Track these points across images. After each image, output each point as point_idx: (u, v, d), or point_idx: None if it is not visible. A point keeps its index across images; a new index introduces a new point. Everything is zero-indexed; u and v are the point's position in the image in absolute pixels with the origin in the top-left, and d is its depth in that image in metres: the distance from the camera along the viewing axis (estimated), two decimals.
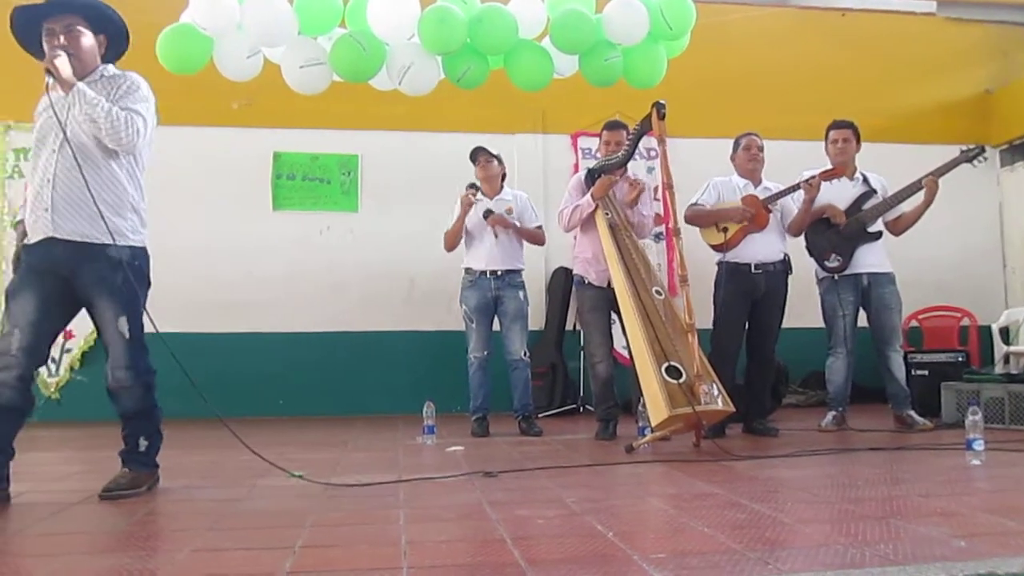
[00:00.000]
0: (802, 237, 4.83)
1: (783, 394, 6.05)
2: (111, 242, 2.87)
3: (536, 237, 5.11)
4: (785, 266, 4.64)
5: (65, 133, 2.83)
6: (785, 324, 4.67)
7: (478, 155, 5.01)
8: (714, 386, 3.87)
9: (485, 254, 4.97)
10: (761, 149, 4.70)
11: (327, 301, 6.50)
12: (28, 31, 2.95)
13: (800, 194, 4.58)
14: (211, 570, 1.97)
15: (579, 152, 6.83)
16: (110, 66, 3.06)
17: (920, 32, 7.37)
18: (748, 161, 4.68)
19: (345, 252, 6.57)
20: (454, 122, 6.46)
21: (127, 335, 2.90)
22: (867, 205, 4.77)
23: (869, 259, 4.73)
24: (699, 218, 4.66)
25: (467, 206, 4.90)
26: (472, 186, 4.94)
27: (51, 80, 2.81)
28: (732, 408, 3.92)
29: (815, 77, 7.03)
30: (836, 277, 4.75)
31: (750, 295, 4.55)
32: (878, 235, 4.78)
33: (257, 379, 6.25)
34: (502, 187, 5.09)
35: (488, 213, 4.87)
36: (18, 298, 2.85)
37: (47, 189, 2.85)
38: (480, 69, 4.57)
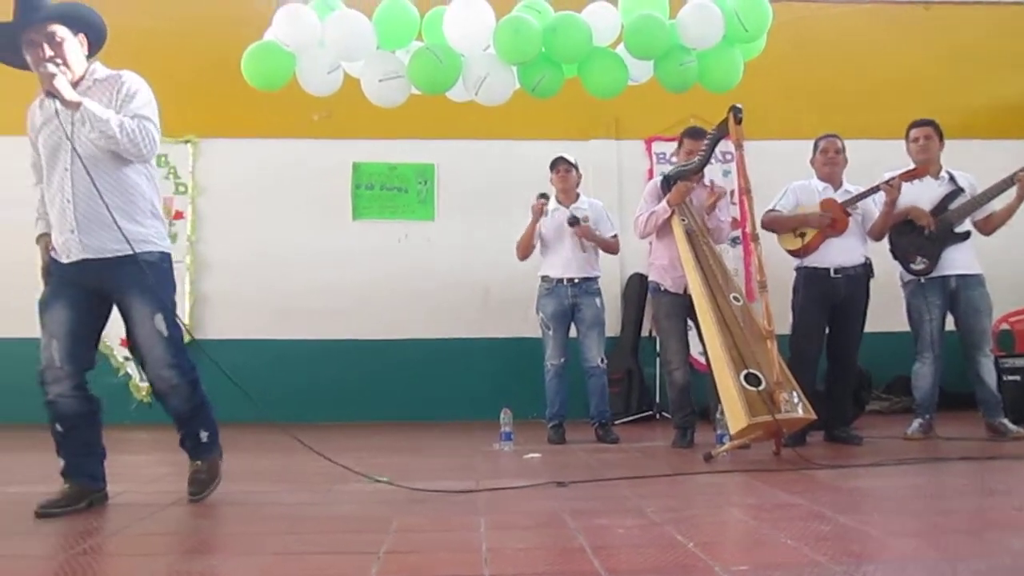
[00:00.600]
0: (885, 239, 4.70)
1: (866, 400, 5.89)
2: (140, 250, 2.84)
3: (611, 246, 5.12)
4: (866, 270, 4.53)
5: (76, 149, 2.76)
6: (868, 328, 4.55)
7: (558, 164, 5.03)
8: (794, 393, 3.81)
9: (562, 262, 4.98)
10: (839, 151, 4.59)
11: (404, 308, 6.60)
12: (4, 44, 2.82)
13: (882, 196, 4.46)
14: (296, 574, 2.03)
15: (653, 157, 6.79)
16: (98, 66, 2.96)
17: (1008, 23, 7.07)
18: (826, 164, 4.59)
19: (422, 260, 6.67)
20: (528, 130, 6.49)
21: (165, 332, 2.87)
22: (954, 204, 4.60)
23: (957, 261, 4.57)
24: (776, 224, 4.59)
25: (538, 215, 4.93)
26: (543, 196, 4.97)
27: (54, 104, 2.71)
28: (813, 416, 3.85)
29: (897, 73, 6.82)
30: (922, 280, 4.60)
31: (829, 300, 4.46)
32: (966, 235, 4.61)
33: (336, 385, 6.39)
34: (578, 195, 5.11)
35: (575, 221, 4.88)
36: (51, 309, 2.86)
37: (69, 209, 2.81)
38: (555, 78, 4.59)
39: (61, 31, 2.80)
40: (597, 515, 2.66)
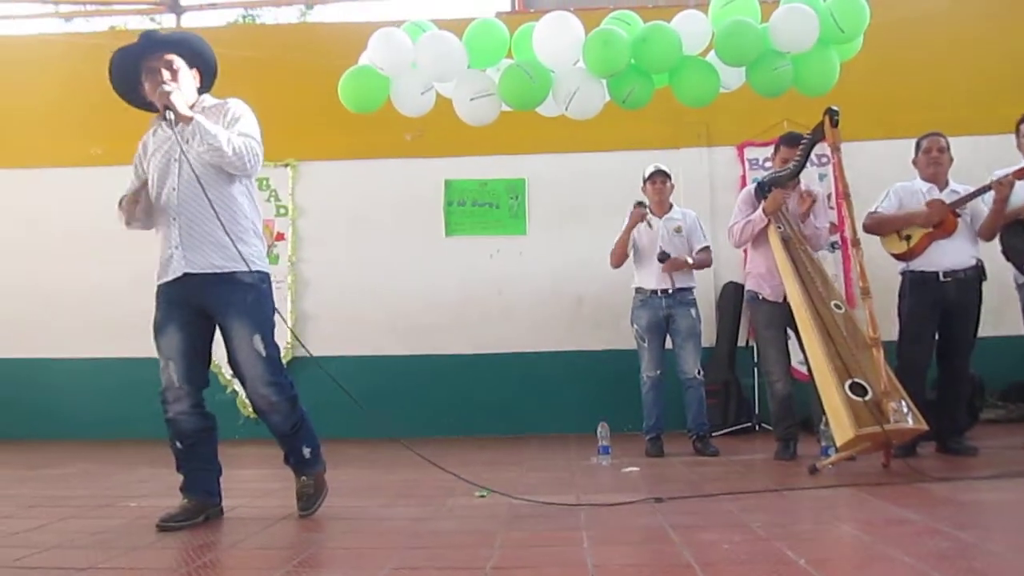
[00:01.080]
0: (997, 240, 4.48)
1: (980, 409, 5.61)
2: (240, 268, 2.94)
3: (704, 263, 5.08)
4: (978, 272, 4.34)
5: (189, 163, 2.91)
6: (980, 333, 4.36)
7: (655, 176, 5.02)
8: (903, 403, 3.68)
9: (656, 273, 4.95)
10: (943, 150, 4.42)
11: (498, 323, 6.65)
12: (124, 73, 3.04)
13: (991, 195, 4.27)
14: None
15: (746, 163, 6.66)
16: (207, 97, 3.14)
17: None
18: (929, 164, 4.43)
19: (514, 274, 6.71)
20: (617, 141, 6.47)
21: (263, 352, 2.94)
22: None
23: None
24: (879, 226, 4.45)
25: (637, 221, 4.91)
26: (640, 204, 4.95)
27: (166, 118, 2.88)
28: (924, 426, 3.71)
29: (1001, 65, 6.50)
30: None
31: (939, 305, 4.29)
32: None
33: (432, 399, 6.48)
34: (671, 206, 5.08)
35: (664, 257, 4.87)
36: (164, 333, 2.99)
37: (174, 227, 2.95)
38: (645, 88, 4.56)
39: (178, 60, 3.01)
40: (702, 530, 2.63)
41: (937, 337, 4.36)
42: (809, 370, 4.10)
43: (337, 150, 6.73)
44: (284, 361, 6.35)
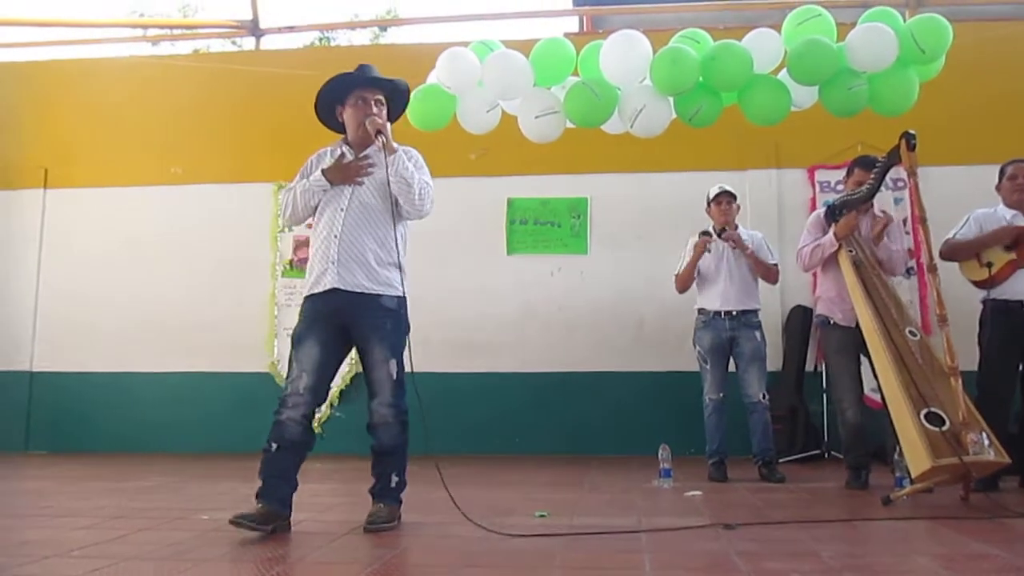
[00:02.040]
0: None
1: None
2: (385, 293, 3.19)
3: (770, 273, 4.94)
4: None
5: (363, 196, 3.21)
6: None
7: (720, 197, 4.94)
8: (983, 434, 3.53)
9: (719, 294, 4.87)
10: None
11: (558, 341, 6.62)
12: (332, 93, 3.34)
13: None
14: None
15: (816, 186, 6.52)
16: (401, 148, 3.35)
17: None
18: (1015, 191, 4.28)
19: (575, 293, 6.67)
20: (683, 161, 6.42)
21: (395, 376, 3.16)
22: None
23: None
24: (957, 252, 4.31)
25: (701, 253, 4.85)
26: (705, 233, 4.89)
27: (348, 144, 3.28)
28: (1006, 459, 3.55)
29: None
30: None
31: (1021, 335, 4.11)
32: None
33: (494, 417, 6.46)
34: (736, 227, 4.99)
35: (723, 230, 4.81)
36: (304, 344, 3.17)
37: (333, 244, 3.18)
38: (712, 107, 4.51)
39: (383, 100, 3.33)
40: (768, 558, 2.55)
41: (1021, 368, 4.18)
42: (883, 398, 3.97)
43: None
44: (349, 377, 6.56)
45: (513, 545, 2.87)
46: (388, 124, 3.22)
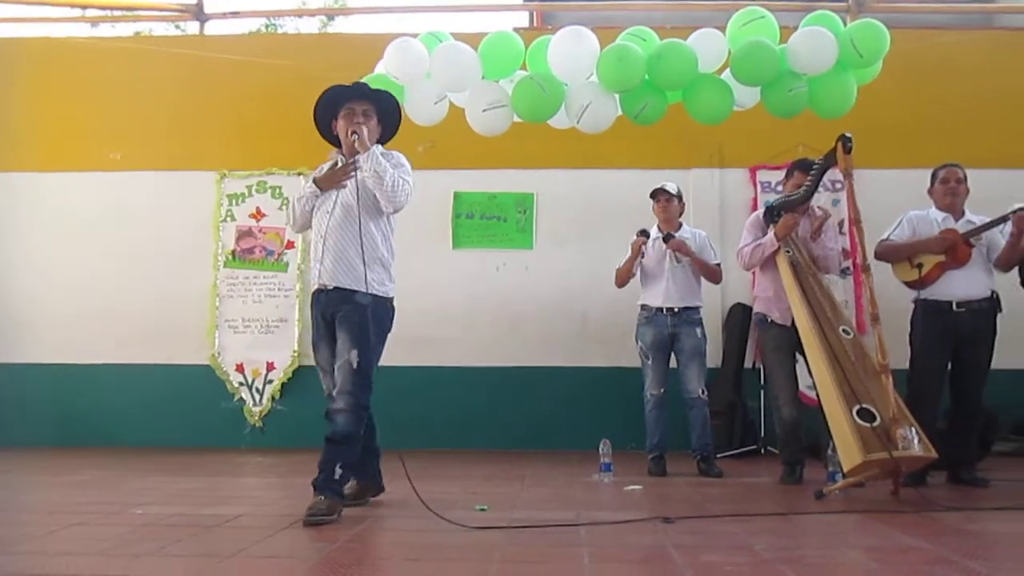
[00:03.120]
0: (1016, 272, 4.44)
1: (992, 441, 5.56)
2: (359, 289, 3.39)
3: (714, 273, 5.02)
4: (993, 303, 4.30)
5: (346, 199, 3.44)
6: (994, 365, 4.31)
7: (658, 195, 5.00)
8: (912, 430, 3.63)
9: (662, 291, 4.92)
10: (961, 181, 4.40)
11: (503, 337, 6.62)
12: (328, 104, 3.57)
13: (1009, 226, 4.23)
14: None
15: (758, 186, 6.63)
16: (379, 146, 3.56)
17: None
18: (947, 194, 4.40)
19: (520, 288, 6.68)
20: (628, 158, 6.46)
21: (354, 365, 3.30)
22: None
23: None
24: (890, 253, 4.42)
25: (636, 253, 4.91)
26: (643, 232, 4.94)
27: (339, 156, 3.54)
28: (934, 454, 3.66)
29: (1021, 100, 6.50)
30: None
31: (951, 335, 4.24)
32: None
33: (437, 411, 6.44)
34: (680, 225, 5.05)
35: (668, 237, 4.86)
36: (318, 350, 3.53)
37: (320, 245, 3.46)
38: (658, 105, 4.55)
39: (372, 112, 3.55)
40: (704, 551, 2.59)
41: (950, 367, 4.31)
42: (817, 395, 4.06)
43: None
44: (291, 370, 6.48)
45: (453, 539, 2.87)
46: (363, 127, 3.43)
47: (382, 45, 4.72)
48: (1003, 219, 4.22)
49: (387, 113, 3.64)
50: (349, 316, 3.37)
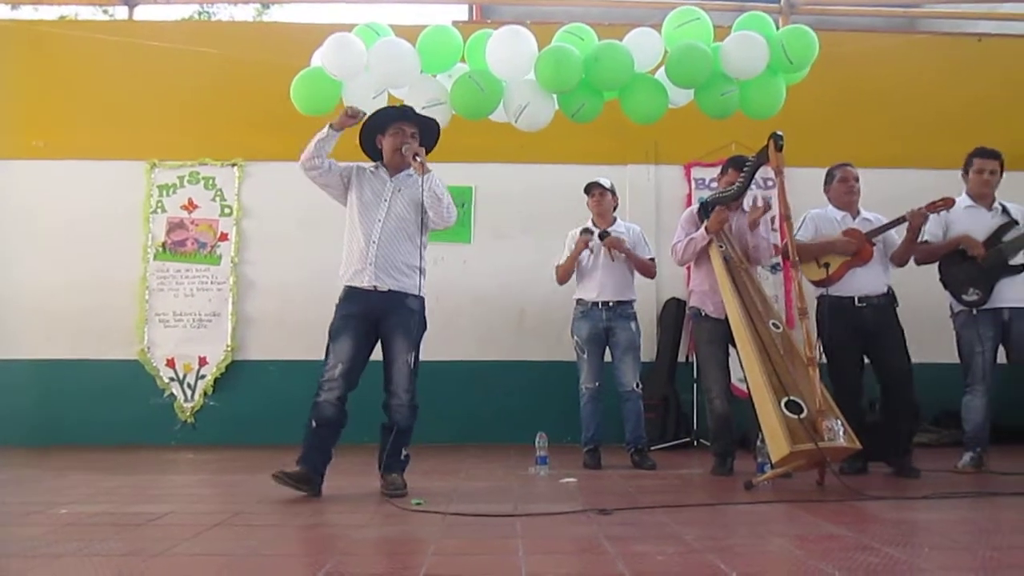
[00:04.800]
0: (935, 268, 4.62)
1: (914, 432, 5.75)
2: (411, 293, 3.73)
3: (648, 269, 5.09)
4: (890, 299, 4.48)
5: (397, 210, 3.77)
6: (914, 359, 4.47)
7: (592, 189, 5.05)
8: (837, 421, 3.75)
9: (596, 285, 4.98)
10: (857, 180, 4.59)
11: (439, 331, 6.52)
12: (375, 127, 3.90)
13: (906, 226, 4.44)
14: None
15: (692, 183, 6.76)
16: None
17: None
18: (845, 193, 4.58)
19: (457, 282, 6.67)
20: (566, 154, 6.50)
21: (411, 365, 3.67)
22: (1008, 236, 4.51)
23: (1011, 294, 4.45)
24: (800, 252, 4.54)
25: (580, 250, 4.94)
26: (587, 231, 4.98)
27: (382, 165, 3.89)
28: (857, 444, 3.78)
29: (948, 105, 6.75)
30: (975, 311, 4.49)
31: (860, 330, 4.39)
32: (1021, 268, 4.50)
33: (373, 406, 6.38)
34: (615, 219, 5.11)
35: (604, 235, 4.90)
36: (340, 338, 3.69)
37: (372, 248, 3.72)
38: (595, 104, 4.60)
39: (418, 134, 3.88)
40: (636, 542, 2.63)
41: (871, 363, 4.45)
42: (748, 387, 4.15)
43: (286, 151, 6.49)
44: (225, 365, 6.36)
45: (387, 532, 2.87)
46: (423, 149, 3.77)
47: (319, 35, 4.65)
48: (901, 220, 4.43)
49: (426, 134, 3.93)
50: (405, 321, 3.69)
